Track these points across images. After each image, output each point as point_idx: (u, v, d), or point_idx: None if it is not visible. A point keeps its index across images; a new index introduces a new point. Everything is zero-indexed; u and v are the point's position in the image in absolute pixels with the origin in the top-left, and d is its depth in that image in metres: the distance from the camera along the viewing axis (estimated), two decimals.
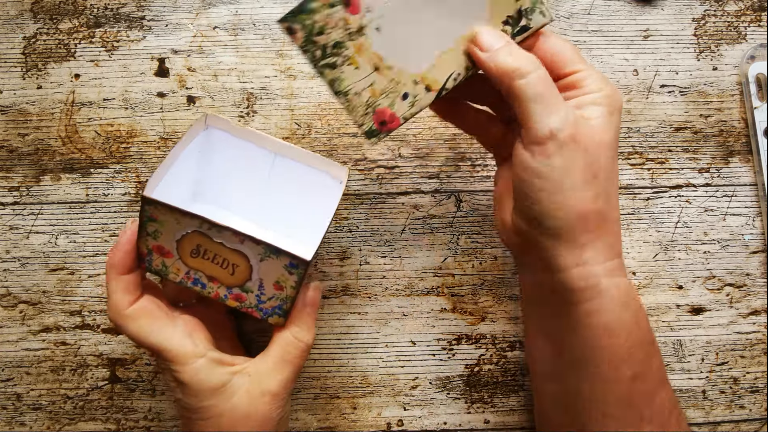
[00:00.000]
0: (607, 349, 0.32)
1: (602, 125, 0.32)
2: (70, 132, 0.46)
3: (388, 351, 0.45)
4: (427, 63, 0.32)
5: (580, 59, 0.33)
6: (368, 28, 0.31)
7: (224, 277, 0.34)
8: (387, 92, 0.33)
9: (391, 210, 0.46)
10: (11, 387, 0.44)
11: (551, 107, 0.31)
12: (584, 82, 0.32)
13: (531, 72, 0.31)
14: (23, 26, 0.46)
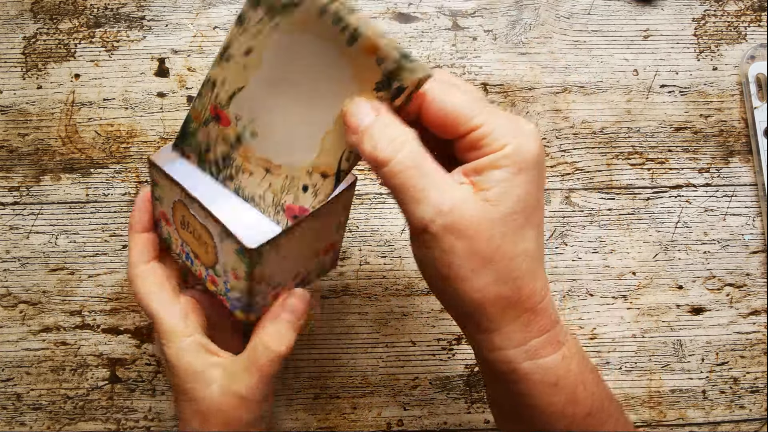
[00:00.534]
0: (542, 426, 0.30)
1: (499, 195, 0.27)
2: (70, 132, 0.46)
3: (388, 351, 0.45)
4: (314, 151, 0.30)
5: (479, 109, 0.28)
6: (244, 135, 0.31)
7: (202, 255, 0.34)
8: (286, 188, 0.31)
9: (391, 210, 0.46)
10: (11, 387, 0.45)
11: (417, 196, 0.27)
12: (486, 139, 0.27)
13: (391, 157, 0.27)
14: (23, 26, 0.46)
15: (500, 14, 0.47)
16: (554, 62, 0.47)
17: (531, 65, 0.47)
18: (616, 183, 0.47)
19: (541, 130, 0.47)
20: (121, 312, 0.45)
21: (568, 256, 0.46)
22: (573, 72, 0.47)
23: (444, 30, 0.47)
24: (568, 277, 0.46)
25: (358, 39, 0.26)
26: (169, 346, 0.34)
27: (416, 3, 0.47)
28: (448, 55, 0.47)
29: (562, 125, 0.47)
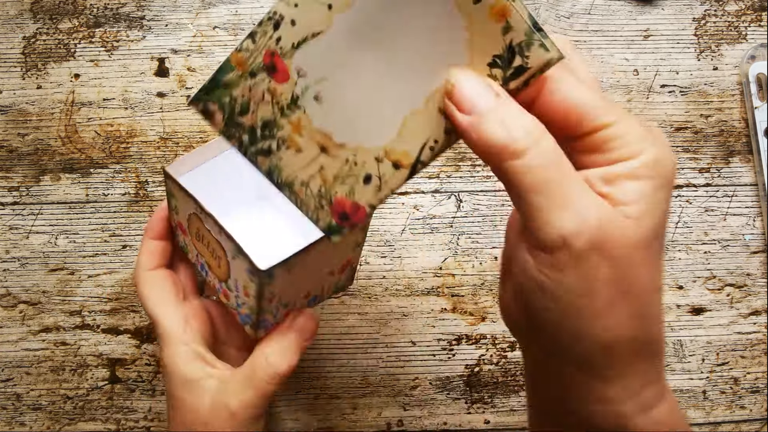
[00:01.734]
0: None
1: (642, 213, 0.21)
2: (70, 132, 0.46)
3: (388, 351, 0.45)
4: (390, 133, 0.24)
5: (607, 107, 0.22)
6: (305, 98, 0.24)
7: (215, 268, 0.33)
8: (342, 177, 0.25)
9: (391, 210, 0.46)
10: (11, 387, 0.44)
11: (561, 200, 0.21)
12: (616, 142, 0.22)
13: (530, 148, 0.21)
14: (23, 26, 0.46)
15: None
16: None
17: None
18: None
19: None
20: (121, 312, 0.45)
21: None
22: None
23: None
24: None
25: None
26: (165, 350, 0.34)
27: None
28: None
29: None
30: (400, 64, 0.23)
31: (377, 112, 0.23)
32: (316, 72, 0.23)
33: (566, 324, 0.22)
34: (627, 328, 0.22)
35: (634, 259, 0.22)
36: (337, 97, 0.23)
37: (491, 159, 0.22)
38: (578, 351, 0.23)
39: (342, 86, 0.23)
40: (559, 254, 0.21)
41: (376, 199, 0.24)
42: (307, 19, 0.22)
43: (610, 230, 0.21)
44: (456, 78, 0.22)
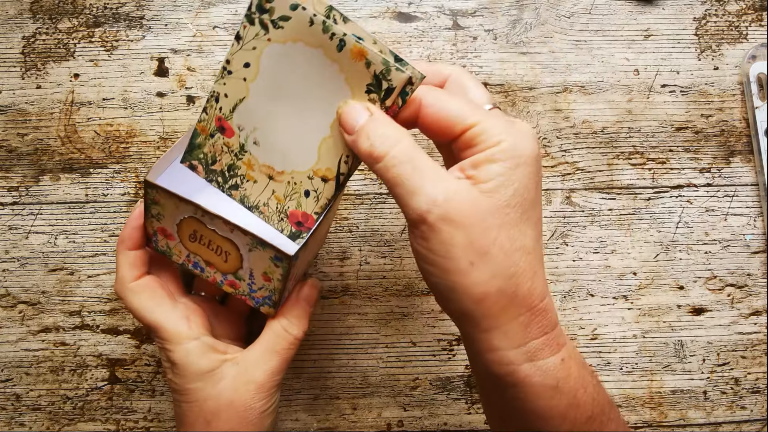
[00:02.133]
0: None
1: (496, 187, 0.27)
2: (70, 132, 0.46)
3: (388, 351, 0.45)
4: (313, 156, 0.32)
5: (471, 110, 0.29)
6: (248, 144, 0.32)
7: (219, 264, 0.36)
8: (289, 195, 0.33)
9: (391, 210, 0.46)
10: (11, 387, 0.44)
11: (413, 188, 0.27)
12: (481, 136, 0.28)
13: (386, 153, 0.28)
14: (22, 26, 0.46)
15: (501, 14, 0.47)
16: (555, 62, 0.47)
17: (531, 65, 0.47)
18: (616, 183, 0.47)
19: (542, 130, 0.47)
20: (120, 312, 0.45)
21: (568, 256, 0.46)
22: (574, 72, 0.47)
23: (444, 29, 0.47)
24: (568, 278, 0.46)
25: (345, 45, 0.29)
26: (175, 350, 0.35)
27: (417, 2, 0.47)
28: (449, 55, 0.47)
29: (563, 125, 0.47)
30: (305, 106, 0.31)
31: (299, 144, 0.32)
32: (249, 124, 0.32)
33: (443, 283, 0.28)
34: (492, 284, 0.27)
35: (489, 225, 0.27)
36: (268, 138, 0.32)
37: (368, 164, 0.29)
38: (458, 306, 0.28)
39: (270, 130, 0.32)
40: (421, 227, 0.27)
41: (318, 207, 0.32)
42: (233, 91, 0.31)
43: (458, 205, 0.27)
44: (340, 107, 0.30)
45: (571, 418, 0.29)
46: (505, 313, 0.28)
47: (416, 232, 0.28)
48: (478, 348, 0.29)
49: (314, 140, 0.31)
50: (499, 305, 0.28)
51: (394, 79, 0.29)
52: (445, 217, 0.27)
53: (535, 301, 0.28)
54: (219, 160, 0.33)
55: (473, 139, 0.28)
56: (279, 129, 0.32)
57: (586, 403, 0.29)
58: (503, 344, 0.28)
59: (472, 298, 0.28)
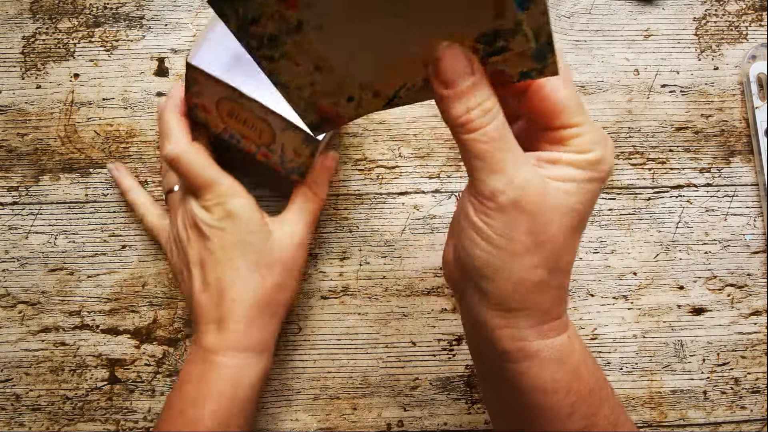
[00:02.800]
0: (547, 410, 0.30)
1: (567, 190, 0.28)
2: (70, 132, 0.46)
3: (388, 351, 0.45)
4: (379, 69, 0.28)
5: (579, 109, 0.28)
6: (308, 25, 0.26)
7: (253, 137, 0.39)
8: (329, 93, 0.29)
9: (391, 210, 0.46)
10: (10, 387, 0.44)
11: (495, 166, 0.27)
12: (576, 140, 0.28)
13: (482, 127, 0.27)
14: (22, 26, 0.46)
15: None
16: None
17: None
18: (616, 183, 0.47)
19: None
20: (120, 312, 0.45)
21: None
22: (574, 71, 0.47)
23: None
24: None
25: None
26: (234, 202, 0.38)
27: None
28: None
29: None
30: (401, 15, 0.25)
31: (372, 51, 0.27)
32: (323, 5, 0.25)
33: (491, 260, 0.28)
34: (535, 272, 0.28)
35: (552, 220, 0.28)
36: (336, 30, 0.26)
37: (452, 128, 0.28)
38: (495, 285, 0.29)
39: (343, 22, 0.26)
40: (489, 203, 0.27)
41: (354, 114, 0.30)
42: None
43: (531, 194, 0.27)
44: (441, 51, 0.26)
45: (575, 390, 0.30)
46: (534, 301, 0.29)
47: (482, 207, 0.28)
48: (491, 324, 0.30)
49: (390, 55, 0.27)
50: (533, 293, 0.29)
51: (514, 43, 0.25)
52: (516, 202, 0.27)
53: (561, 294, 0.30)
54: (263, 23, 0.26)
55: (568, 139, 0.28)
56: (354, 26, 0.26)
57: (587, 377, 0.31)
58: (522, 324, 0.29)
59: (512, 280, 0.28)
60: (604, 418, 0.31)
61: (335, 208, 0.46)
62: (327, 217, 0.46)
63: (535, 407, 0.30)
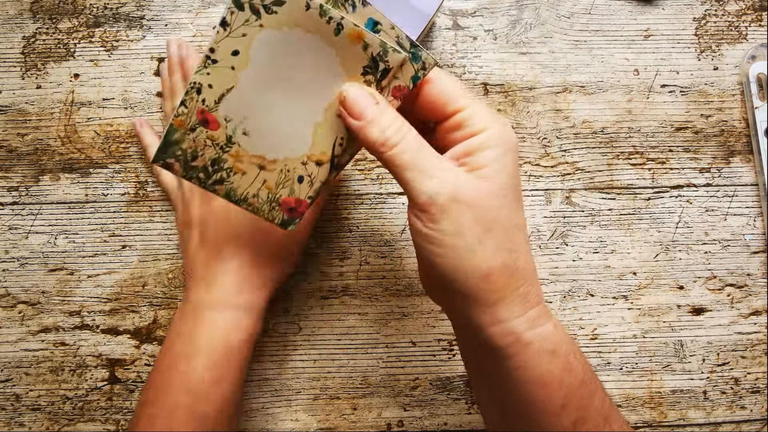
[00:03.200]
0: (542, 402, 0.31)
1: (493, 172, 0.30)
2: (70, 132, 0.46)
3: (388, 351, 0.45)
4: (307, 142, 0.32)
5: (463, 95, 0.31)
6: (236, 136, 0.32)
7: None
8: (282, 183, 0.33)
9: (391, 210, 0.46)
10: (10, 387, 0.44)
11: (424, 172, 0.29)
12: (469, 120, 0.31)
13: (399, 142, 0.30)
14: (22, 26, 0.46)
15: (501, 14, 0.47)
16: (555, 62, 0.47)
17: (531, 65, 0.47)
18: (616, 183, 0.47)
19: (542, 130, 0.47)
20: (120, 312, 0.45)
21: (568, 256, 0.46)
22: (573, 72, 0.47)
23: (444, 29, 0.47)
24: (568, 278, 0.46)
25: (343, 29, 0.29)
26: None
27: None
28: (449, 55, 0.47)
29: (563, 125, 0.47)
30: (299, 92, 0.31)
31: (293, 130, 0.32)
32: (239, 115, 0.31)
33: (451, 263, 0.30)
34: (496, 259, 0.30)
35: (491, 205, 0.30)
36: (260, 127, 0.32)
37: (374, 151, 0.30)
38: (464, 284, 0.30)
39: (261, 119, 0.31)
40: (431, 209, 0.29)
41: (312, 191, 0.33)
42: (219, 81, 0.31)
43: (464, 187, 0.29)
44: (345, 91, 0.31)
45: (567, 382, 0.31)
46: (508, 286, 0.30)
47: (425, 215, 0.30)
48: (480, 324, 0.31)
49: (308, 125, 0.32)
50: (503, 278, 0.30)
51: (391, 60, 0.30)
52: (454, 199, 0.29)
53: (530, 272, 0.31)
54: (201, 155, 0.32)
55: (463, 121, 0.31)
56: (271, 117, 0.31)
57: (578, 367, 0.32)
58: (508, 315, 0.30)
59: (480, 273, 0.30)
60: (595, 410, 0.32)
61: (335, 208, 0.46)
62: (327, 217, 0.46)
63: (530, 401, 0.31)
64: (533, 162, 0.46)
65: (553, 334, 0.31)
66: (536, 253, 0.46)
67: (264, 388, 0.45)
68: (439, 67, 0.32)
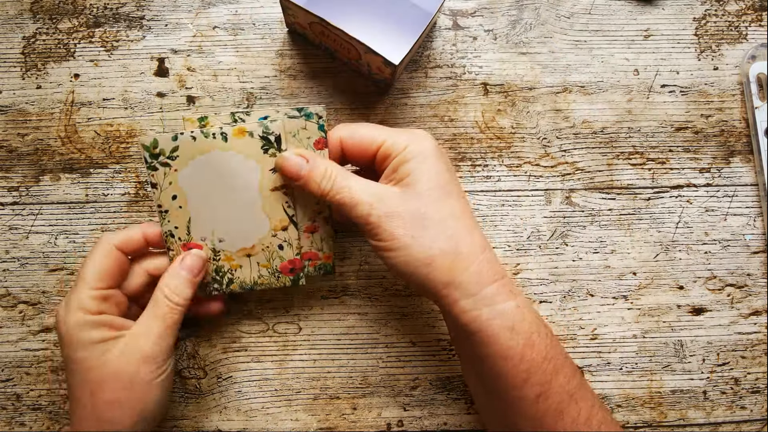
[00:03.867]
0: (505, 375, 0.34)
1: (414, 179, 0.35)
2: (70, 132, 0.46)
3: (388, 351, 0.45)
4: (264, 220, 0.40)
5: (379, 132, 0.37)
6: (216, 245, 0.40)
7: (344, 53, 0.44)
8: (270, 257, 0.41)
9: None
10: (11, 387, 0.44)
11: (353, 203, 0.35)
12: (391, 149, 0.36)
13: (330, 188, 0.36)
14: (22, 26, 0.46)
15: (500, 14, 0.47)
16: (555, 62, 0.47)
17: (531, 65, 0.47)
18: (616, 183, 0.47)
19: (542, 130, 0.47)
20: None
21: (568, 256, 0.46)
22: (573, 72, 0.47)
23: (444, 29, 0.47)
24: (568, 278, 0.46)
25: (228, 134, 0.38)
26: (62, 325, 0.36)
27: None
28: (449, 55, 0.47)
29: (563, 125, 0.47)
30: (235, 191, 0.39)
31: (249, 218, 0.40)
32: (207, 231, 0.40)
33: (400, 262, 0.34)
34: (434, 247, 0.34)
35: (417, 207, 0.35)
36: (227, 230, 0.40)
37: (324, 201, 0.37)
38: (418, 277, 0.34)
39: (222, 224, 0.40)
40: (369, 228, 0.35)
41: (295, 249, 0.41)
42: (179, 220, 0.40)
43: (389, 200, 0.35)
44: (278, 163, 0.38)
45: (528, 357, 0.34)
46: (455, 268, 0.34)
47: (369, 233, 0.35)
48: (448, 309, 0.35)
49: (257, 208, 0.39)
50: (447, 262, 0.34)
51: (273, 128, 0.38)
52: (382, 214, 0.35)
53: (477, 252, 0.35)
54: (205, 273, 0.40)
55: (387, 151, 0.36)
56: (228, 218, 0.39)
57: (540, 344, 0.34)
58: (462, 294, 0.34)
59: (422, 263, 0.34)
60: (558, 386, 0.34)
61: None
62: None
63: (495, 374, 0.34)
64: (533, 162, 0.46)
65: (513, 312, 0.34)
66: (536, 253, 0.46)
67: (264, 388, 0.45)
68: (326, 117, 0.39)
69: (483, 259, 0.35)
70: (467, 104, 0.47)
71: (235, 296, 0.45)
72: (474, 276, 0.34)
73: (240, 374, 0.45)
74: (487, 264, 0.35)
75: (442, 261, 0.34)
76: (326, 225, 0.41)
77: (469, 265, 0.34)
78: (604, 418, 0.35)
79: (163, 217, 0.39)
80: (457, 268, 0.34)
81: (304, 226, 0.41)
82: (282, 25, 0.47)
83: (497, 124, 0.47)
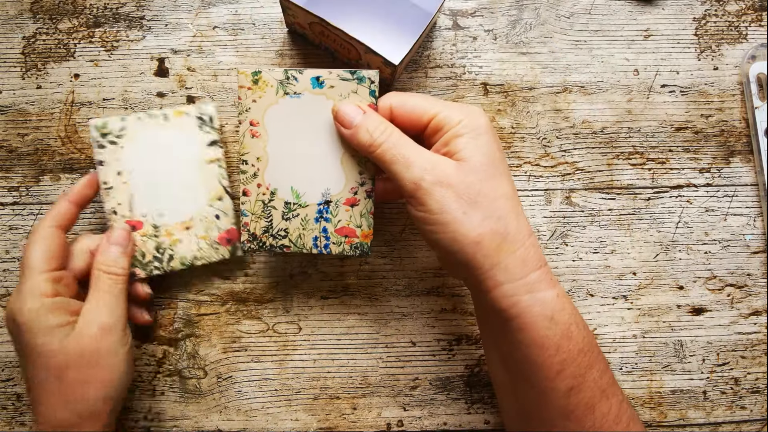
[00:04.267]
0: (539, 365, 0.33)
1: (468, 154, 0.34)
2: (70, 132, 0.46)
3: (388, 351, 0.45)
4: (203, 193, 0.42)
5: (432, 104, 0.36)
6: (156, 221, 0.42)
7: (344, 53, 0.44)
8: (207, 228, 0.42)
9: (391, 210, 0.46)
10: (11, 387, 0.44)
11: (407, 163, 0.34)
12: (444, 121, 0.35)
13: (384, 141, 0.35)
14: (23, 26, 0.46)
15: (500, 14, 0.47)
16: (555, 62, 0.47)
17: (531, 65, 0.47)
18: (616, 183, 0.47)
19: (542, 130, 0.47)
20: None
21: (568, 256, 0.46)
22: (573, 72, 0.47)
23: (444, 29, 0.47)
24: (568, 278, 0.46)
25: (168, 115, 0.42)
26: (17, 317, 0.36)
27: None
28: (449, 55, 0.47)
29: (563, 125, 0.47)
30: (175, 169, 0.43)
31: (186, 195, 0.42)
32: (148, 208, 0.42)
33: (445, 237, 0.33)
34: (485, 226, 0.33)
35: (471, 182, 0.34)
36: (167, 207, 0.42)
37: (365, 152, 0.36)
38: (462, 255, 0.33)
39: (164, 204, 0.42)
40: (417, 194, 0.34)
41: (230, 221, 0.43)
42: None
43: (443, 170, 0.34)
44: (336, 106, 0.37)
45: (565, 349, 0.33)
46: (502, 250, 0.33)
47: (414, 200, 0.34)
48: (485, 289, 0.34)
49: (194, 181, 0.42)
50: (495, 243, 0.33)
51: (207, 110, 0.42)
52: (435, 181, 0.33)
53: (524, 236, 0.34)
54: (144, 252, 0.42)
55: (439, 124, 0.35)
56: (168, 193, 0.42)
57: (578, 336, 0.34)
58: (506, 278, 0.33)
59: (471, 241, 0.33)
60: (592, 381, 0.33)
61: None
62: None
63: (529, 362, 0.33)
64: (533, 162, 0.46)
65: (553, 300, 0.33)
66: None
67: (264, 388, 0.45)
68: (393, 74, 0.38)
69: (529, 244, 0.34)
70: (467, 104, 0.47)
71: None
72: (519, 260, 0.33)
73: (240, 374, 0.45)
74: (532, 249, 0.34)
75: (490, 241, 0.33)
76: (367, 199, 0.39)
77: (516, 249, 0.33)
78: (632, 415, 0.35)
79: (108, 194, 0.41)
80: (504, 250, 0.33)
81: (344, 198, 0.39)
82: (282, 25, 0.47)
83: (497, 124, 0.47)
